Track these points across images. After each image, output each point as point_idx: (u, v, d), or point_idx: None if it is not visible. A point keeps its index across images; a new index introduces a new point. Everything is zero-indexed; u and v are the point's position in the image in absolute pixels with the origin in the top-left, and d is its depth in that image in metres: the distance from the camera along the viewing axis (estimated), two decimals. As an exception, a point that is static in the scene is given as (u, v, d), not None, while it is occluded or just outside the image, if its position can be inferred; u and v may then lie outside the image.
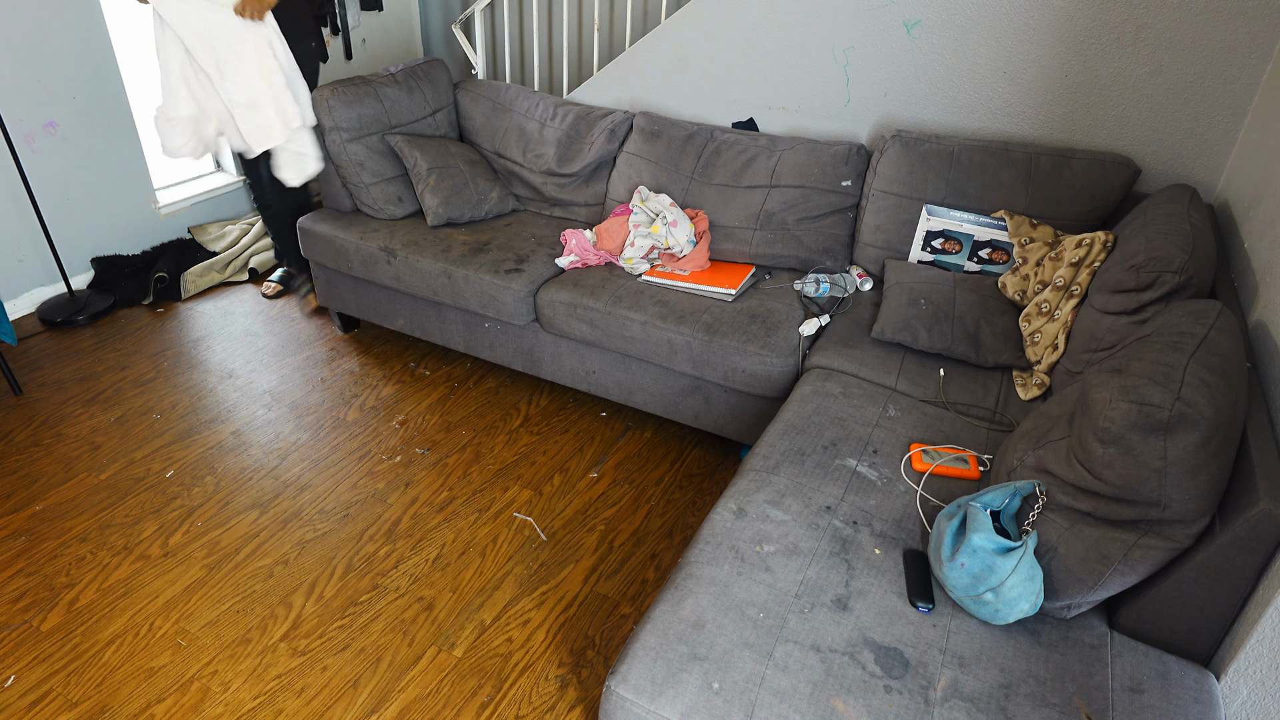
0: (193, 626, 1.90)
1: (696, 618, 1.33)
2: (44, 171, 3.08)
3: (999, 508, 1.41)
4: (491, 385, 2.83)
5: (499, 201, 2.88)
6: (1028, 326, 2.00)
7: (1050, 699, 1.22)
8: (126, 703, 1.73)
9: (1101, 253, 1.91)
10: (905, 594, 1.39)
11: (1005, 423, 1.87)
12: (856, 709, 1.20)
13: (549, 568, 2.09)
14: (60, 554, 2.08)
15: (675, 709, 1.21)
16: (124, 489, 2.30)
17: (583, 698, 1.77)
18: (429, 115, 2.95)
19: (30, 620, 1.90)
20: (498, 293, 2.48)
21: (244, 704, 1.73)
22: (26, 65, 2.93)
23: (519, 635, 1.90)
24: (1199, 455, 1.19)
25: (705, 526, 1.53)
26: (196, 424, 2.57)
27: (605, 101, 3.13)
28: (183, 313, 3.22)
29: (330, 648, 1.86)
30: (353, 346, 3.02)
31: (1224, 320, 1.38)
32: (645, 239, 2.52)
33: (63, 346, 2.95)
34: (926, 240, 2.34)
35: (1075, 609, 1.35)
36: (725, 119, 2.96)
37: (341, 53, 4.16)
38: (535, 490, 2.35)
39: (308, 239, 2.81)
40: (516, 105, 2.95)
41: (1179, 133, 2.30)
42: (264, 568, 2.06)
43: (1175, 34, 2.20)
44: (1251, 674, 1.21)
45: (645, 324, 2.30)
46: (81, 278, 3.30)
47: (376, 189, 2.79)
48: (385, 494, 2.31)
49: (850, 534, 1.51)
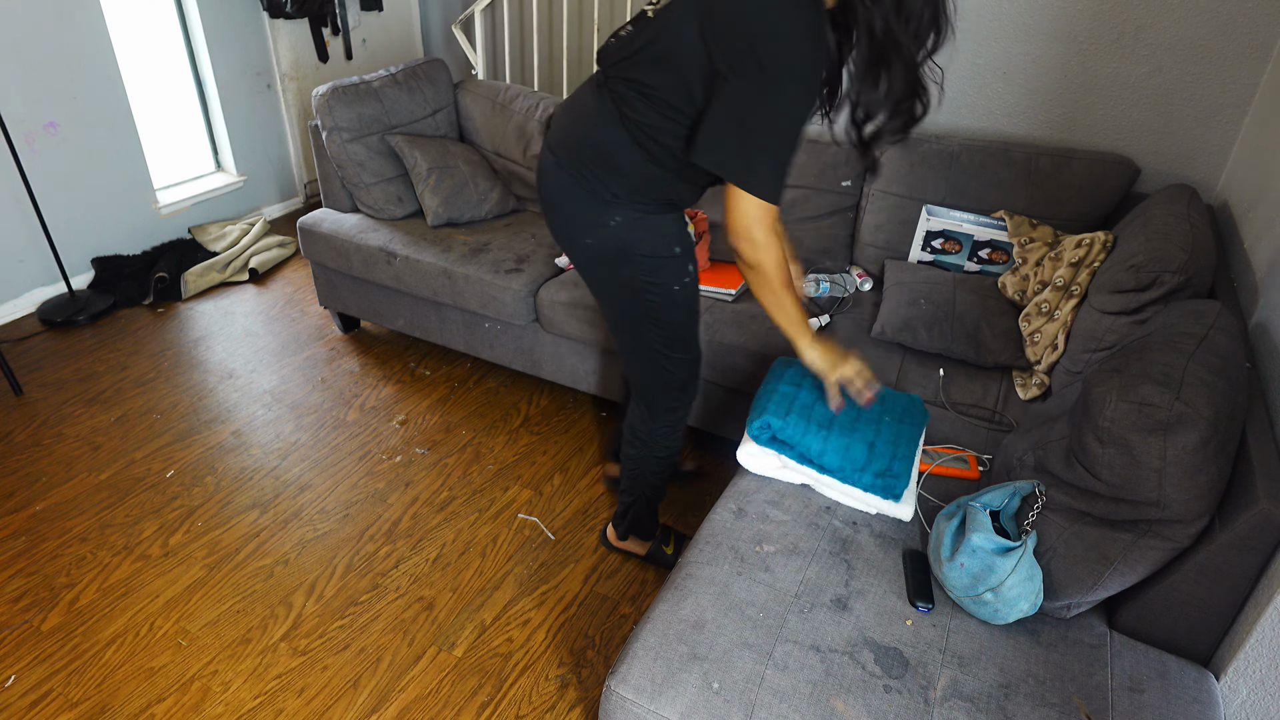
0: (193, 626, 1.90)
1: (696, 618, 1.33)
2: (44, 171, 3.08)
3: (998, 508, 1.41)
4: (491, 385, 2.83)
5: (499, 201, 2.88)
6: (1027, 326, 2.00)
7: (1050, 699, 1.22)
8: (127, 702, 1.73)
9: (1101, 253, 1.91)
10: (905, 594, 1.39)
11: (1005, 423, 1.87)
12: (856, 709, 1.20)
13: (549, 568, 2.09)
14: (60, 554, 2.08)
15: (675, 709, 1.21)
16: (124, 489, 2.30)
17: (583, 698, 1.77)
18: (429, 115, 2.95)
19: (30, 620, 1.90)
20: (498, 293, 2.48)
21: (244, 704, 1.73)
22: (26, 65, 2.93)
23: (519, 635, 1.90)
24: (1199, 455, 1.19)
25: (705, 526, 1.53)
26: (197, 424, 2.57)
27: (605, 101, 3.12)
28: (183, 313, 3.22)
29: (330, 648, 1.86)
30: (353, 346, 3.02)
31: (1224, 320, 1.38)
32: (645, 239, 2.52)
33: (63, 346, 2.95)
34: (926, 240, 2.34)
35: (1075, 609, 1.35)
36: (725, 119, 2.95)
37: (342, 53, 4.16)
38: (535, 490, 2.35)
39: (308, 239, 2.81)
40: (516, 105, 2.95)
41: (1179, 133, 2.30)
42: (264, 568, 2.06)
43: (1175, 34, 2.20)
44: (1251, 674, 1.21)
45: (645, 324, 2.30)
46: (82, 278, 3.31)
47: (377, 189, 2.79)
48: (385, 494, 2.31)
49: (850, 534, 1.51)
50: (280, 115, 3.99)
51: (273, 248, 3.63)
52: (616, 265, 1.60)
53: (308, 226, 2.80)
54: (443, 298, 2.61)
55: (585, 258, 1.62)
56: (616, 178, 1.51)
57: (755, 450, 1.63)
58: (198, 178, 3.81)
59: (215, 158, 3.88)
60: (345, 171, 2.77)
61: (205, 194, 3.71)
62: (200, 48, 3.57)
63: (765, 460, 1.63)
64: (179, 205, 3.61)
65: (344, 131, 2.71)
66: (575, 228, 1.59)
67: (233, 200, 3.87)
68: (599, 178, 1.51)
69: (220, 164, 3.89)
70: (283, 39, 3.84)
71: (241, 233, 3.66)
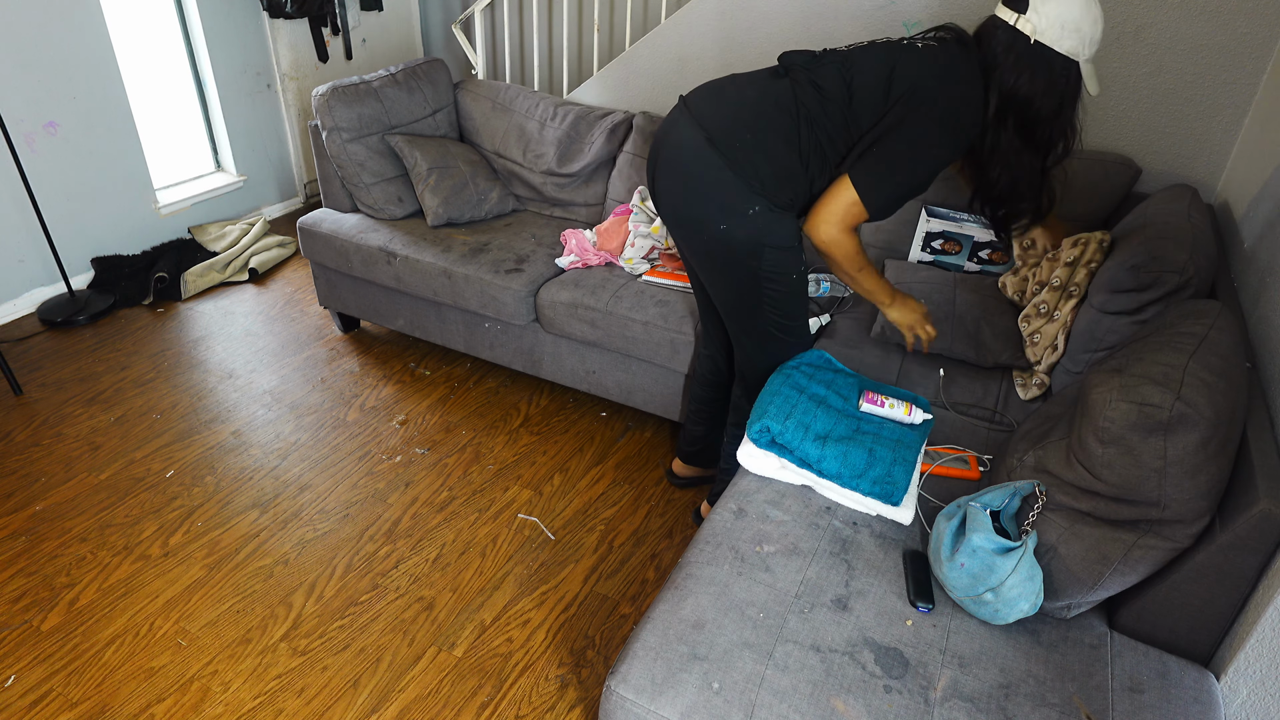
0: (193, 626, 1.90)
1: (696, 618, 1.33)
2: (44, 171, 3.08)
3: (999, 508, 1.41)
4: (491, 385, 2.83)
5: (499, 201, 2.88)
6: (1027, 327, 2.00)
7: (1050, 699, 1.22)
8: (127, 703, 1.73)
9: (1098, 253, 1.91)
10: (905, 594, 1.39)
11: (1005, 423, 1.87)
12: (856, 709, 1.20)
13: (549, 568, 2.09)
14: (60, 554, 2.08)
15: (675, 709, 1.21)
16: (124, 489, 2.30)
17: (583, 698, 1.77)
18: (429, 115, 2.95)
19: (30, 620, 1.90)
20: (498, 293, 2.48)
21: (244, 704, 1.73)
22: (26, 65, 2.93)
23: (519, 635, 1.90)
24: (1199, 455, 1.19)
25: (705, 526, 1.53)
26: (196, 424, 2.57)
27: (605, 101, 3.13)
28: (183, 313, 3.22)
29: (330, 648, 1.86)
30: (353, 346, 3.02)
31: (1224, 320, 1.37)
32: (645, 239, 2.52)
33: (63, 346, 2.95)
34: (926, 241, 2.34)
35: (1075, 609, 1.35)
36: (725, 119, 2.95)
37: (342, 53, 4.16)
38: (535, 490, 2.35)
39: (307, 239, 2.81)
40: (516, 105, 2.95)
41: (1179, 133, 2.30)
42: (264, 568, 2.06)
43: (1175, 34, 2.20)
44: (1251, 674, 1.21)
45: (646, 324, 2.30)
46: (82, 278, 3.31)
47: (377, 189, 2.79)
48: (385, 494, 2.31)
49: (850, 534, 1.51)
50: (280, 115, 3.99)
51: (273, 248, 3.63)
52: (744, 254, 1.67)
53: (308, 226, 2.80)
54: (443, 298, 2.61)
55: (711, 239, 1.68)
56: (767, 168, 1.59)
57: (755, 451, 1.63)
58: (197, 178, 3.80)
59: (215, 158, 3.88)
60: (345, 171, 2.77)
61: (205, 194, 3.71)
62: (200, 48, 3.57)
63: (765, 461, 1.63)
64: (179, 205, 3.61)
65: (344, 131, 2.71)
66: (713, 209, 1.64)
67: (233, 200, 3.87)
68: (753, 164, 1.59)
69: (220, 164, 3.89)
70: (283, 39, 3.84)
71: (241, 233, 3.66)
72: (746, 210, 1.61)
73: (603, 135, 2.78)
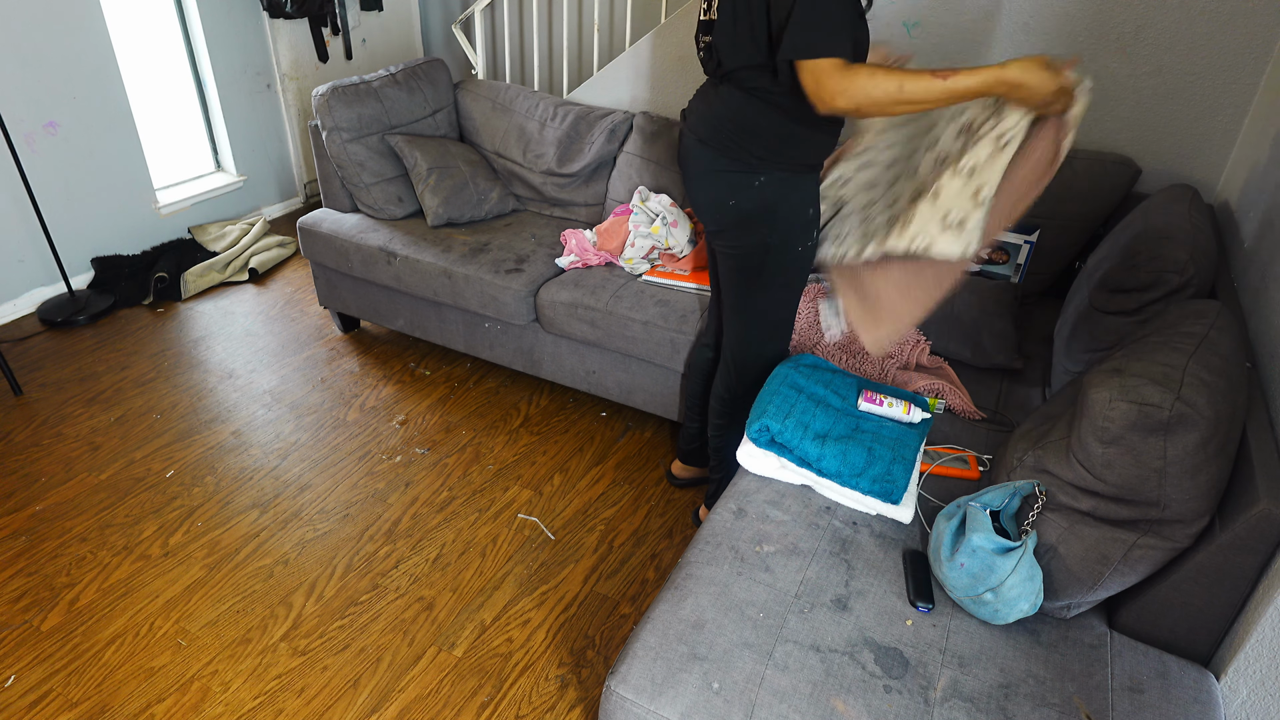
0: (193, 626, 1.90)
1: (696, 618, 1.33)
2: (44, 171, 3.08)
3: (999, 508, 1.41)
4: (491, 385, 2.83)
5: (499, 201, 2.88)
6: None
7: (1050, 699, 1.22)
8: (127, 703, 1.73)
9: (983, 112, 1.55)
10: (905, 594, 1.39)
11: (1005, 423, 1.87)
12: (856, 709, 1.20)
13: (549, 568, 2.09)
14: (60, 554, 2.08)
15: (675, 709, 1.21)
16: (124, 489, 2.30)
17: (583, 698, 1.77)
18: (429, 115, 2.95)
19: (30, 620, 1.90)
20: (498, 293, 2.48)
21: (244, 704, 1.73)
22: (26, 65, 2.93)
23: (519, 635, 1.90)
24: (1199, 455, 1.19)
25: (705, 526, 1.53)
26: (197, 424, 2.57)
27: (605, 101, 3.13)
28: (183, 313, 3.22)
29: (330, 648, 1.86)
30: (353, 346, 3.02)
31: (1224, 320, 1.37)
32: (645, 239, 2.52)
33: (63, 346, 2.95)
34: (926, 240, 2.34)
35: (1075, 609, 1.35)
36: (725, 119, 2.95)
37: (342, 53, 4.16)
38: (535, 490, 2.35)
39: (308, 239, 2.81)
40: (516, 105, 2.95)
41: (1179, 133, 2.30)
42: (264, 568, 2.06)
43: (1175, 34, 2.20)
44: (1251, 674, 1.21)
45: (646, 324, 2.30)
46: (82, 278, 3.31)
47: (377, 189, 2.79)
48: (385, 494, 2.31)
49: (850, 534, 1.51)
50: (280, 115, 3.99)
51: (273, 248, 3.63)
52: (755, 224, 1.70)
53: (308, 226, 2.80)
54: (443, 298, 2.61)
55: (728, 219, 1.72)
56: (758, 141, 1.62)
57: (755, 451, 1.63)
58: (197, 178, 3.81)
59: (215, 158, 3.88)
60: (345, 171, 2.77)
61: (205, 194, 3.71)
62: (200, 48, 3.57)
63: (765, 461, 1.63)
64: (179, 205, 3.61)
65: (344, 131, 2.71)
66: (722, 191, 1.70)
67: (233, 200, 3.87)
68: (742, 144, 1.63)
69: (220, 164, 3.89)
70: (283, 39, 3.84)
71: (241, 233, 3.66)
72: (752, 184, 1.66)
73: (603, 135, 2.78)
